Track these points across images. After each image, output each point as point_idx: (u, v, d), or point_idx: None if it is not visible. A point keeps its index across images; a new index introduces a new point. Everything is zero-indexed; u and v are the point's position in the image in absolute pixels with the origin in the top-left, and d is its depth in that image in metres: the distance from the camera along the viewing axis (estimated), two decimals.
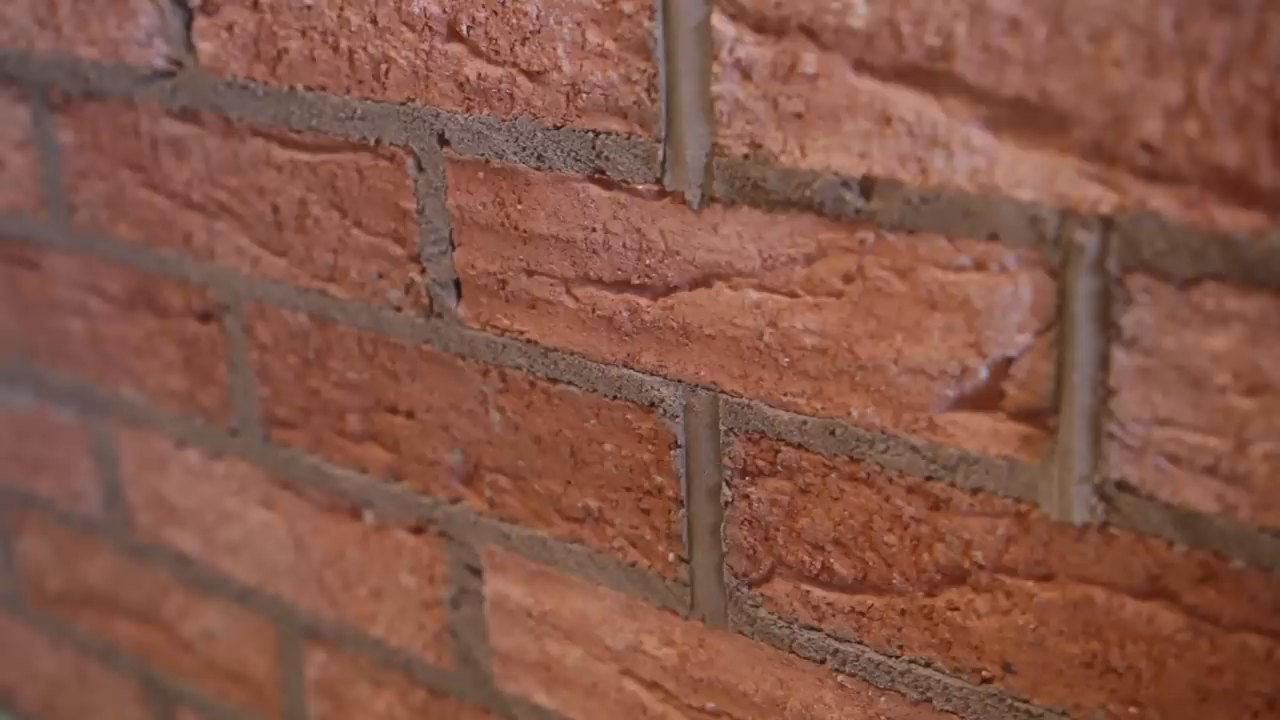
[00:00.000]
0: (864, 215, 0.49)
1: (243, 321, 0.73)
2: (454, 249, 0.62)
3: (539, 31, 0.55)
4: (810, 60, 0.48)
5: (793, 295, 0.51)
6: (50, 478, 0.91)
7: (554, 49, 0.54)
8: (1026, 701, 0.51)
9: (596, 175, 0.55)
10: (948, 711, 0.53)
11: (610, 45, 0.53)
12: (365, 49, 0.61)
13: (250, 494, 0.78)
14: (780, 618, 0.57)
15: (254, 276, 0.71)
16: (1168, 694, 0.47)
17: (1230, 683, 0.46)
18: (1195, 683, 0.47)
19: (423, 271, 0.63)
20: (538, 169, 0.57)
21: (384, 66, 0.61)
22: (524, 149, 0.57)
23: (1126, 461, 0.46)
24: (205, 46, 0.68)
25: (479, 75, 0.57)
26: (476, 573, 0.68)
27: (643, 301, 0.56)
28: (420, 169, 0.61)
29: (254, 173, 0.69)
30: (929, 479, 0.51)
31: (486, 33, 0.56)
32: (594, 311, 0.58)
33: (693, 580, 0.60)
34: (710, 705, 0.61)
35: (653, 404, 0.58)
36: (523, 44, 0.55)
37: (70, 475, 0.90)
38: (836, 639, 0.56)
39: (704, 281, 0.54)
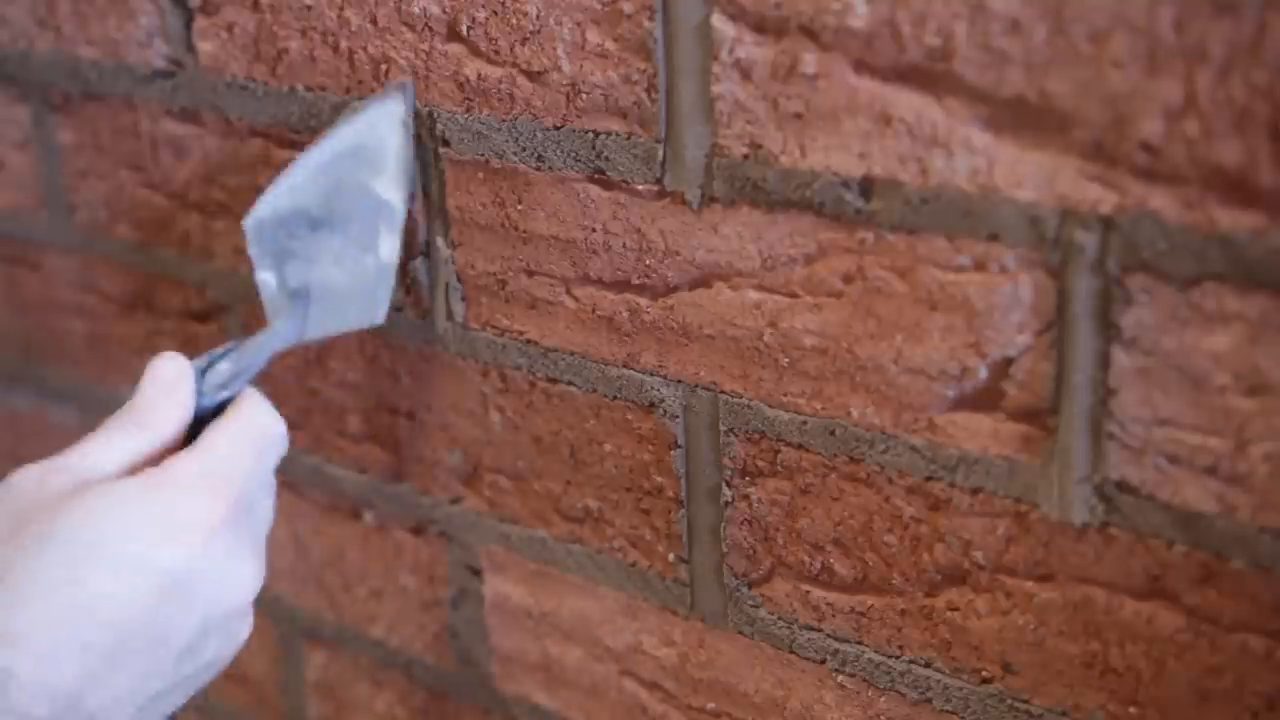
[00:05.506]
0: (864, 215, 0.49)
1: (241, 321, 0.73)
2: (454, 249, 0.62)
3: (539, 32, 0.55)
4: (810, 60, 0.48)
5: (793, 295, 0.51)
6: None
7: (554, 49, 0.54)
8: (1026, 702, 0.51)
9: (596, 175, 0.55)
10: (948, 712, 0.53)
11: (610, 45, 0.53)
12: (365, 49, 0.61)
13: None
14: (780, 618, 0.57)
15: (252, 276, 0.71)
16: (1168, 694, 0.47)
17: (1230, 683, 0.46)
18: (1195, 683, 0.47)
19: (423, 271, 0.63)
20: (538, 169, 0.57)
21: (384, 67, 0.61)
22: (524, 149, 0.57)
23: (1126, 461, 0.46)
24: (205, 46, 0.68)
25: (479, 75, 0.57)
26: (476, 573, 0.68)
27: (643, 301, 0.56)
28: (420, 169, 0.61)
29: (254, 173, 0.69)
30: (929, 479, 0.51)
31: (486, 33, 0.56)
32: (594, 311, 0.58)
33: (693, 580, 0.60)
34: (710, 705, 0.61)
35: (653, 404, 0.58)
36: (523, 44, 0.55)
37: None
38: (836, 639, 0.56)
39: (704, 281, 0.54)
